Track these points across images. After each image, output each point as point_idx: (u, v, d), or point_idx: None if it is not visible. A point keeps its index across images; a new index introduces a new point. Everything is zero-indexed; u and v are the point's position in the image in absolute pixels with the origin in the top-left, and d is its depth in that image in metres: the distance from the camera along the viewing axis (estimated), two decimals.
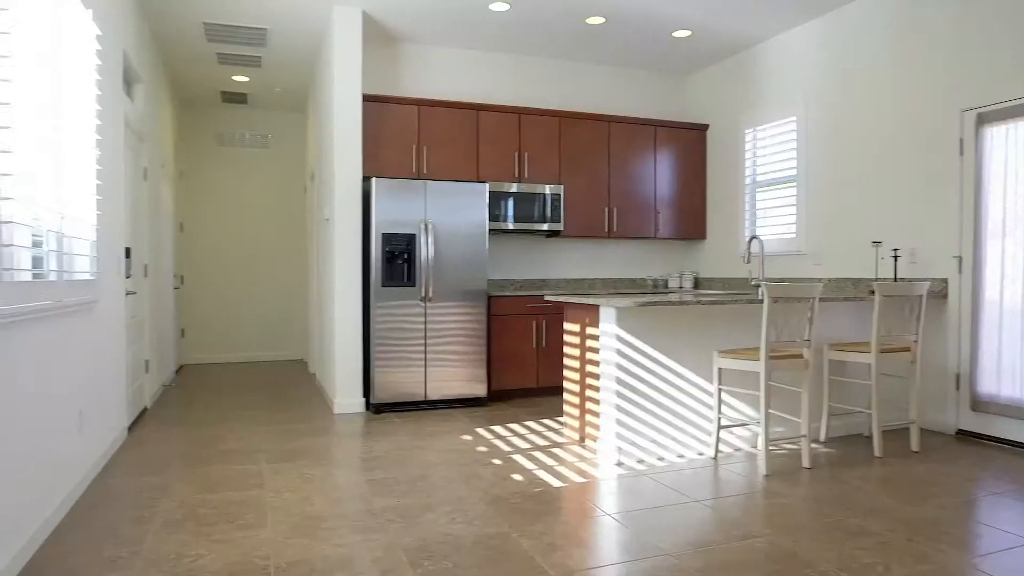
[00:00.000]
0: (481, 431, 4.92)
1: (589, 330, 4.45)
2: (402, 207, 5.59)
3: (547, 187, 6.45)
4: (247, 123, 8.95)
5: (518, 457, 4.22)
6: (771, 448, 4.39)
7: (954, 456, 4.23)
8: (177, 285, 8.01)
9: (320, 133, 6.78)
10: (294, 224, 9.20)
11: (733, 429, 4.42)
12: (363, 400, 5.66)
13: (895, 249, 5.08)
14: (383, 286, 5.54)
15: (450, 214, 5.73)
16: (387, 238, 5.54)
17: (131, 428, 5.03)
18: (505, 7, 5.62)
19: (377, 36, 6.29)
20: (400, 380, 5.59)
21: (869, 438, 4.66)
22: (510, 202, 6.31)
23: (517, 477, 3.80)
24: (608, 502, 3.39)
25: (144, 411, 5.66)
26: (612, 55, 6.88)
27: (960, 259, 4.74)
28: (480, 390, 5.83)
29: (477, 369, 5.81)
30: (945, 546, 2.83)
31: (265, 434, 4.83)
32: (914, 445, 4.34)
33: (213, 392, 6.63)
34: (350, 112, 5.63)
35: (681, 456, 4.23)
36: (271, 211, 9.10)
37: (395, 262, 5.57)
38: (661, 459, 4.16)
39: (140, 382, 5.53)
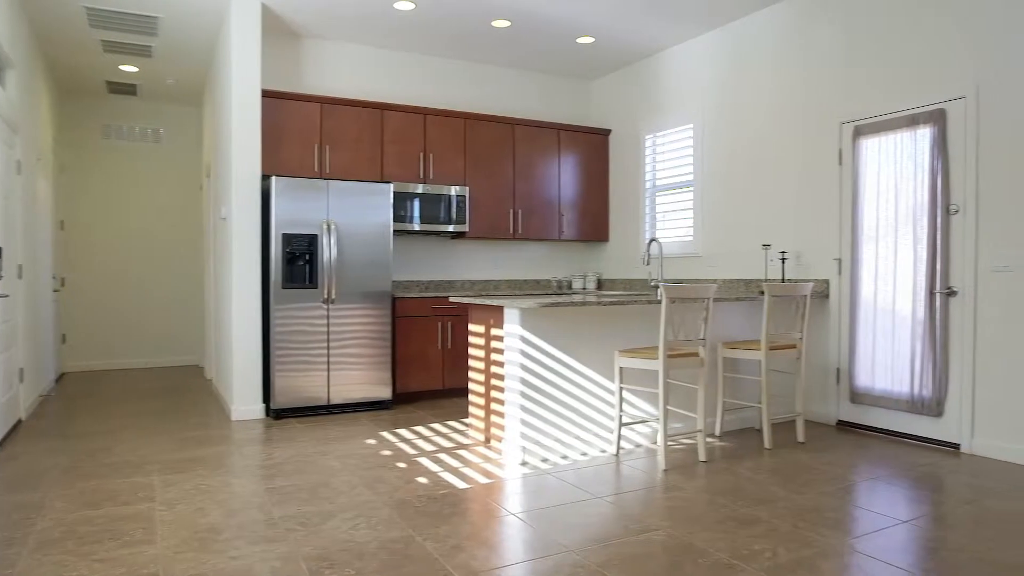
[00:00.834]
0: (386, 435, 4.85)
1: (494, 331, 4.47)
2: (304, 207, 5.44)
3: (452, 188, 6.44)
4: (136, 115, 8.48)
5: (423, 460, 4.19)
6: (669, 444, 4.55)
7: (835, 445, 4.51)
8: (57, 287, 7.48)
9: (217, 128, 6.51)
10: (189, 223, 8.79)
11: (634, 426, 4.55)
12: (263, 406, 5.47)
13: (783, 252, 5.38)
14: (284, 288, 5.37)
15: (354, 215, 5.62)
16: (288, 238, 5.38)
17: (2, 443, 4.67)
18: (410, 6, 5.57)
19: (278, 29, 6.10)
20: (302, 384, 5.44)
21: (760, 431, 4.91)
22: (415, 203, 6.26)
23: (422, 480, 3.77)
24: (513, 502, 3.42)
25: (18, 423, 5.26)
26: (518, 58, 6.95)
27: (839, 261, 5.07)
28: (385, 393, 5.75)
29: (382, 372, 5.73)
30: (826, 530, 3.02)
31: (156, 444, 4.59)
32: (800, 436, 4.61)
33: (99, 401, 6.24)
34: (249, 107, 5.43)
35: (584, 454, 4.32)
36: (164, 209, 8.65)
37: (296, 263, 5.42)
38: (565, 457, 4.23)
39: (13, 392, 5.13)
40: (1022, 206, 4.08)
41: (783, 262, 5.35)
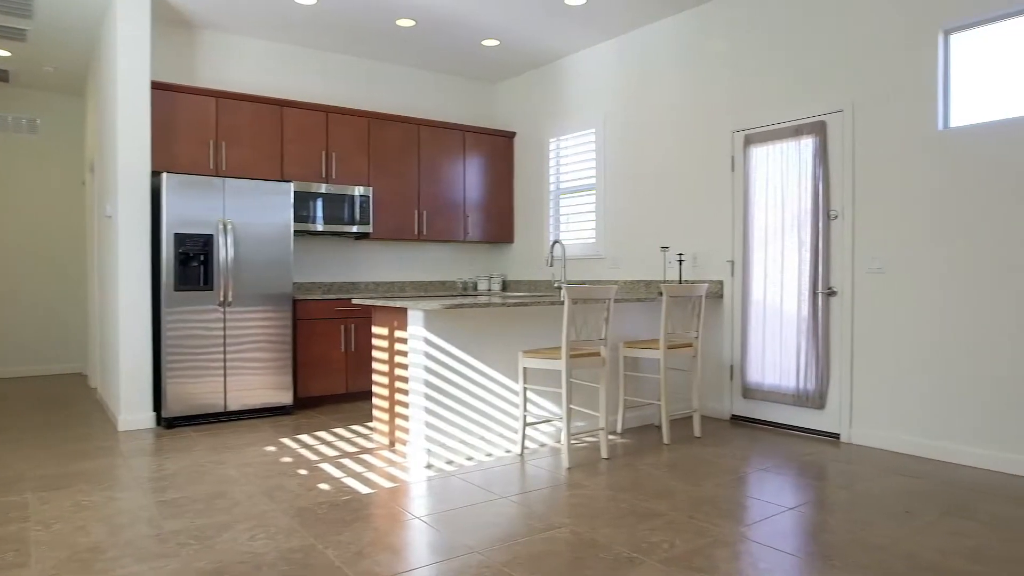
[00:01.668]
0: (286, 441, 4.71)
1: (398, 333, 4.43)
2: (198, 205, 5.21)
3: (356, 188, 6.33)
4: (9, 104, 7.86)
5: (326, 466, 4.09)
6: (573, 442, 4.64)
7: (729, 439, 4.73)
8: None
9: (101, 121, 6.13)
10: (70, 220, 8.22)
11: (538, 426, 4.61)
12: (153, 415, 5.19)
13: (680, 254, 5.59)
14: (176, 290, 5.12)
15: (252, 214, 5.43)
16: (180, 238, 5.14)
17: None
18: (312, 1, 5.44)
19: (169, 18, 5.81)
20: (196, 391, 5.20)
21: (659, 427, 5.08)
22: (318, 203, 6.11)
23: (324, 486, 3.69)
24: (418, 505, 3.39)
25: None
26: (423, 58, 6.91)
27: (732, 263, 5.32)
28: (286, 398, 5.58)
29: (282, 376, 5.56)
30: (720, 520, 3.16)
31: (32, 459, 4.28)
32: (696, 431, 4.80)
33: None
34: (137, 99, 5.14)
35: (489, 455, 4.34)
36: (41, 205, 8.06)
37: (190, 264, 5.17)
38: (470, 459, 4.24)
39: None
40: (892, 212, 4.41)
41: (680, 264, 5.57)
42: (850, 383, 4.62)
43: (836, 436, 4.70)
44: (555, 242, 5.31)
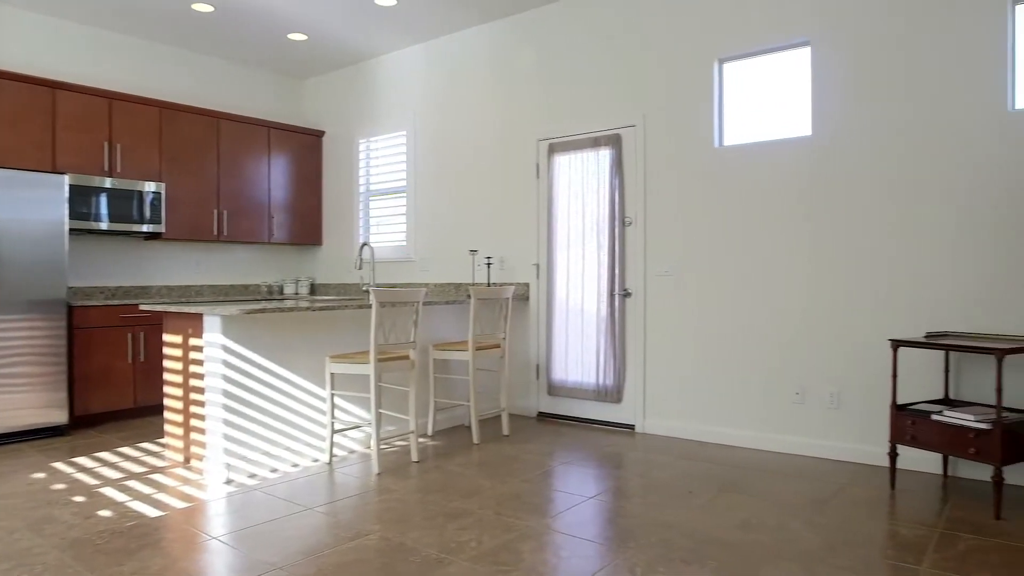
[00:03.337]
0: (59, 465, 4.20)
1: (193, 341, 4.12)
2: None
3: (147, 184, 5.79)
4: None
5: (107, 490, 3.70)
6: (383, 447, 4.58)
7: (535, 435, 4.92)
8: None
9: None
10: None
11: (347, 432, 4.50)
12: None
13: (488, 257, 5.73)
14: None
15: (14, 209, 4.78)
16: None
17: None
18: None
19: None
20: None
21: (470, 427, 5.17)
22: (101, 199, 5.51)
23: (105, 513, 3.33)
24: (215, 524, 3.17)
25: None
26: (224, 48, 6.48)
27: (538, 266, 5.55)
28: (59, 417, 4.97)
29: (55, 393, 4.94)
30: (526, 514, 3.27)
31: None
32: (505, 430, 4.94)
33: None
34: None
35: (296, 465, 4.16)
36: None
37: None
38: (275, 471, 4.04)
39: None
40: (677, 220, 4.83)
41: (489, 267, 5.71)
42: (643, 377, 4.99)
43: (632, 427, 5.06)
44: (364, 244, 5.22)
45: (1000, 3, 3.74)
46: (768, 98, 4.58)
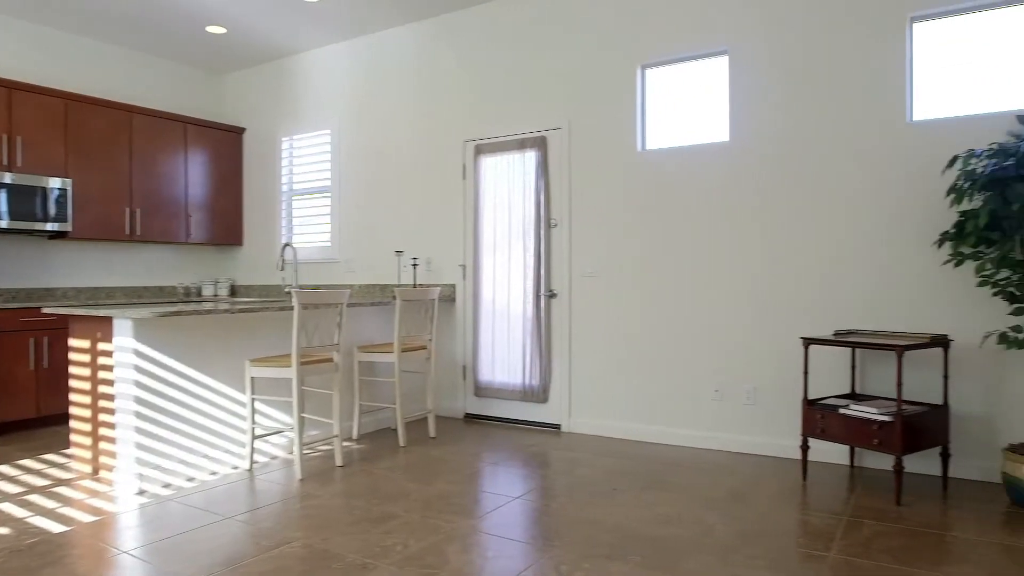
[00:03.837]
0: None
1: (102, 346, 3.92)
2: None
3: (51, 180, 5.48)
4: None
5: (6, 506, 3.48)
6: (306, 452, 4.48)
7: (462, 437, 4.91)
8: None
9: None
10: None
11: (269, 438, 4.38)
12: None
13: (415, 258, 5.69)
14: None
15: None
16: None
17: None
18: None
19: None
20: None
21: (396, 430, 5.11)
22: (0, 195, 5.20)
23: (2, 531, 3.13)
24: (126, 538, 3.03)
25: None
26: (137, 38, 6.21)
27: (464, 267, 5.54)
28: None
29: None
30: (453, 516, 3.26)
31: None
32: (431, 432, 4.91)
33: None
34: None
35: (214, 473, 4.02)
36: None
37: None
38: (191, 480, 3.89)
39: None
40: (601, 222, 4.92)
41: (415, 268, 5.66)
42: (569, 377, 5.06)
43: (558, 427, 5.12)
44: (286, 245, 5.10)
45: (900, 21, 3.97)
46: (690, 104, 4.71)
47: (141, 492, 3.68)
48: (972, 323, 3.79)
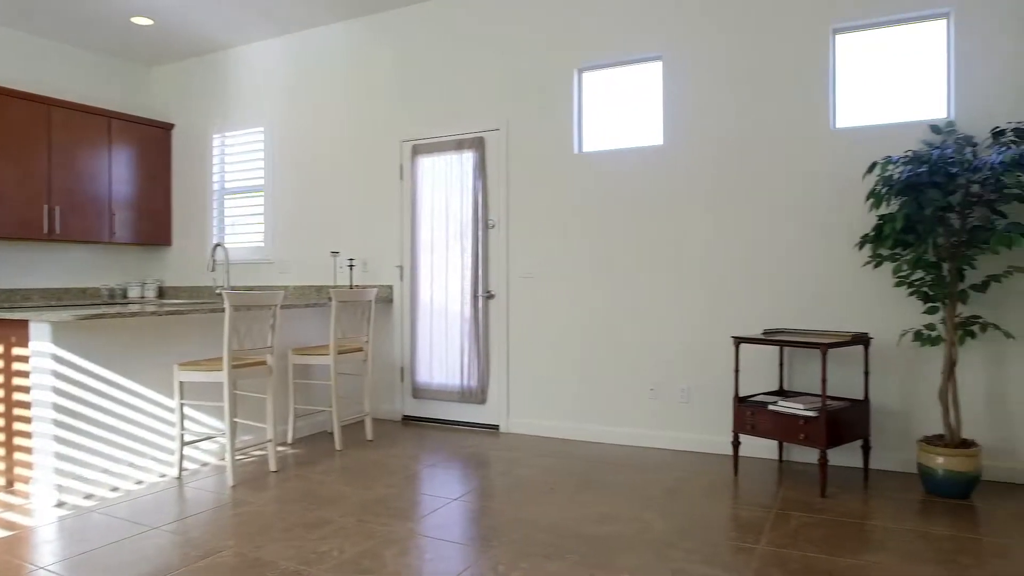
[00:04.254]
0: None
1: (17, 351, 3.73)
2: None
3: None
4: None
5: None
6: (239, 458, 4.37)
7: (400, 439, 4.86)
8: None
9: None
10: None
11: (199, 444, 4.25)
12: None
13: (351, 259, 5.61)
14: None
15: None
16: None
17: None
18: None
19: None
20: None
21: (332, 434, 5.03)
22: None
23: None
24: (43, 553, 2.89)
25: None
26: (56, 27, 5.92)
27: (402, 268, 5.49)
28: None
29: None
30: (390, 519, 3.23)
31: None
32: (369, 434, 4.85)
33: None
34: None
35: (140, 482, 3.88)
36: None
37: None
38: (115, 490, 3.74)
39: None
40: (539, 223, 4.95)
41: (351, 268, 5.58)
42: (507, 378, 5.07)
43: (496, 427, 5.12)
44: (217, 245, 4.95)
45: (823, 32, 4.13)
46: (626, 108, 4.79)
47: (60, 504, 3.51)
48: (891, 322, 3.98)
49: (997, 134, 3.53)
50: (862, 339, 3.71)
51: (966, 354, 3.83)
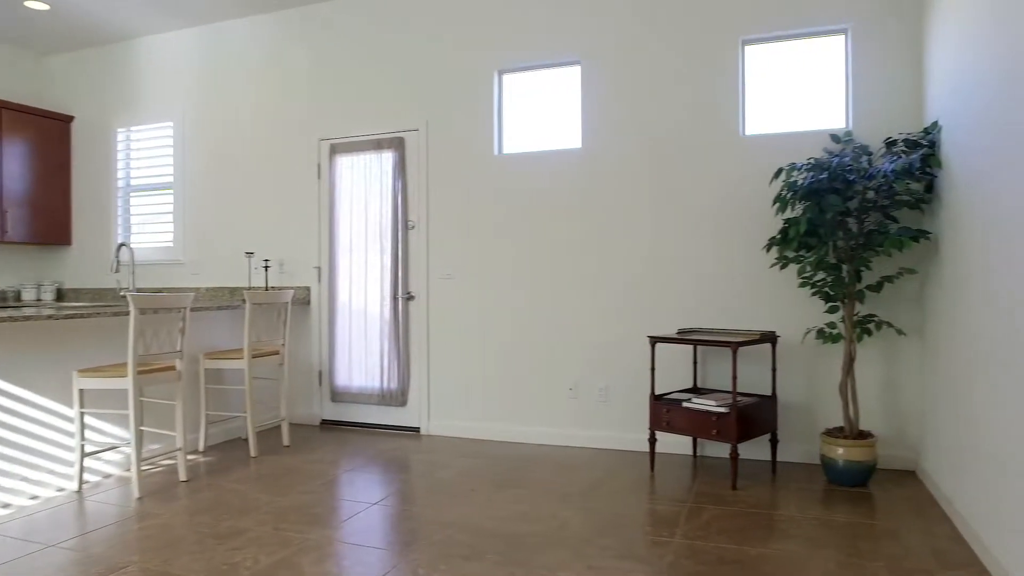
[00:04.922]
0: None
1: None
2: None
3: None
4: None
5: None
6: (146, 468, 4.17)
7: (319, 444, 4.76)
8: None
9: None
10: None
11: (101, 455, 4.04)
12: None
13: (266, 260, 5.45)
14: None
15: None
16: None
17: None
18: None
19: None
20: None
21: (247, 440, 4.87)
22: None
23: None
24: None
25: None
26: None
27: (320, 269, 5.38)
28: None
29: None
30: (307, 526, 3.15)
31: None
32: (285, 440, 4.72)
33: None
34: None
35: (35, 497, 3.65)
36: None
37: None
38: (7, 506, 3.51)
39: None
40: (459, 224, 4.95)
41: (267, 270, 5.43)
42: (427, 380, 5.04)
43: (417, 430, 5.09)
44: (122, 245, 4.72)
45: (733, 43, 4.30)
46: (546, 111, 4.84)
47: None
48: (796, 320, 4.18)
49: (890, 144, 3.76)
50: (770, 337, 3.87)
51: (863, 351, 4.06)
